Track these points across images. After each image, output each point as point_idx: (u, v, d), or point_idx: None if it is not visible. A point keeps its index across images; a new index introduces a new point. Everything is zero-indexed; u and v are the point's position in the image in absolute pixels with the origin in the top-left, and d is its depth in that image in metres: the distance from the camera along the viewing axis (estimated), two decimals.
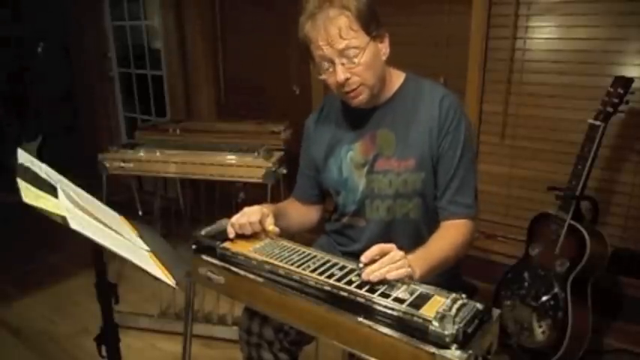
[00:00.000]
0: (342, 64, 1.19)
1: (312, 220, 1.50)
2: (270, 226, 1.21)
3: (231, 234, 1.20)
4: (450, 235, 1.24)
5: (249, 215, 1.20)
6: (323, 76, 1.24)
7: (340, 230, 1.44)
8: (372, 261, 0.99)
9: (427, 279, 1.06)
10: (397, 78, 1.33)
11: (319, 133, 1.41)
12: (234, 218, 1.21)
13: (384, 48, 1.25)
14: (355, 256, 1.38)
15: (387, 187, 1.29)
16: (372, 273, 0.96)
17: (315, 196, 1.49)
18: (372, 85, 1.24)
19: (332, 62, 1.19)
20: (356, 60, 1.18)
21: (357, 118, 1.34)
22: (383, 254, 1.00)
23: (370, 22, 1.19)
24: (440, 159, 1.27)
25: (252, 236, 1.21)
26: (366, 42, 1.19)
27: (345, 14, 1.16)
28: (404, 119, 1.29)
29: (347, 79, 1.20)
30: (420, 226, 1.32)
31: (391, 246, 1.02)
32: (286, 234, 1.28)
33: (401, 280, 0.98)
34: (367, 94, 1.24)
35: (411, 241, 1.27)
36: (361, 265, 1.00)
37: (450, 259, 1.19)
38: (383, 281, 0.97)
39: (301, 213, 1.48)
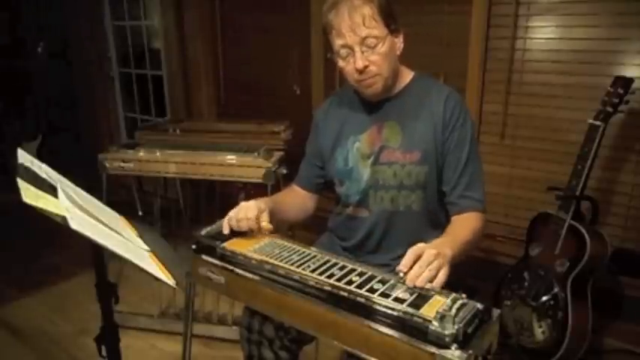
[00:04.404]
0: (362, 52, 1.23)
1: (307, 209, 1.52)
2: (264, 222, 1.23)
3: (227, 229, 1.21)
4: (466, 221, 1.27)
5: (246, 211, 1.22)
6: (341, 64, 1.28)
7: (343, 223, 1.46)
8: (411, 267, 0.98)
9: (456, 262, 1.08)
10: (407, 74, 1.39)
11: (328, 123, 1.45)
12: (232, 213, 1.22)
13: (399, 43, 1.31)
14: (356, 249, 1.40)
15: (391, 179, 1.32)
16: (416, 279, 0.96)
17: (317, 184, 1.51)
18: (387, 76, 1.29)
19: (352, 50, 1.24)
20: (375, 49, 1.23)
21: (366, 110, 1.39)
22: (417, 257, 0.99)
23: (389, 16, 1.25)
24: (447, 155, 1.31)
25: (252, 236, 1.21)
26: (385, 33, 1.24)
27: (369, 5, 1.22)
28: (411, 113, 1.33)
29: (365, 67, 1.24)
30: (421, 219, 1.34)
31: (422, 246, 1.01)
32: (284, 229, 1.28)
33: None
34: (381, 84, 1.29)
35: (411, 234, 1.30)
36: (401, 275, 0.98)
37: (471, 243, 1.22)
38: (434, 290, 0.96)
39: (298, 202, 1.50)
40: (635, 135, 1.99)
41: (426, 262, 0.97)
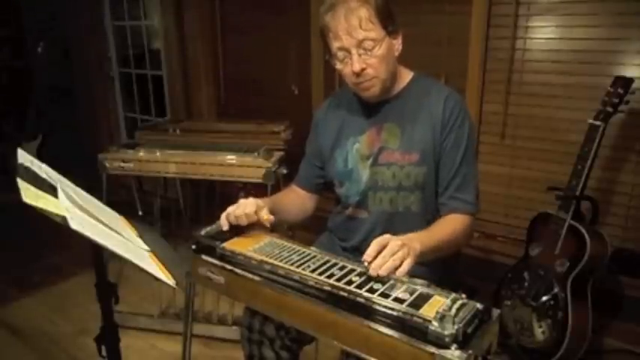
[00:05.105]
0: (359, 55, 1.23)
1: (307, 210, 1.52)
2: (265, 215, 1.22)
3: (225, 226, 1.21)
4: (450, 222, 1.27)
5: (244, 207, 1.22)
6: (339, 66, 1.28)
7: (343, 223, 1.45)
8: (375, 257, 1.00)
9: (429, 258, 1.10)
10: (406, 75, 1.38)
11: (327, 124, 1.45)
12: (230, 209, 1.22)
13: (398, 44, 1.30)
14: (356, 249, 1.40)
15: (390, 180, 1.32)
16: (379, 268, 0.98)
17: (316, 185, 1.51)
18: (385, 78, 1.28)
19: (349, 52, 1.24)
20: (372, 52, 1.23)
21: (365, 111, 1.38)
22: (382, 247, 1.01)
23: (387, 18, 1.24)
24: (442, 156, 1.30)
25: (252, 236, 1.21)
26: (382, 36, 1.23)
27: (366, 7, 1.21)
28: (410, 114, 1.33)
29: (362, 70, 1.24)
30: (421, 220, 1.34)
31: (387, 237, 1.04)
32: (284, 229, 1.28)
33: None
34: (379, 87, 1.29)
35: None
36: (366, 264, 1.00)
37: (450, 243, 1.22)
38: (395, 278, 0.98)
39: (298, 203, 1.50)
40: (635, 135, 1.99)
41: (390, 252, 1.00)
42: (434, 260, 1.22)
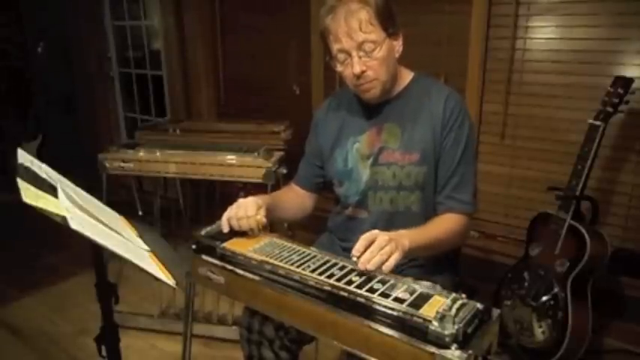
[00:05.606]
0: (359, 57, 1.23)
1: (306, 209, 1.52)
2: (258, 215, 1.21)
3: (226, 228, 1.21)
4: (444, 221, 1.28)
5: (245, 209, 1.21)
6: (339, 68, 1.28)
7: (342, 223, 1.46)
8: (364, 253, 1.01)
9: (421, 255, 1.12)
10: (407, 75, 1.38)
11: (327, 123, 1.45)
12: (232, 212, 1.21)
13: (398, 46, 1.30)
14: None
15: (390, 179, 1.32)
16: (367, 262, 0.99)
17: (316, 184, 1.51)
18: (385, 80, 1.28)
19: (349, 55, 1.24)
20: (372, 54, 1.23)
21: (365, 111, 1.39)
22: (370, 243, 1.02)
23: (387, 19, 1.23)
24: (441, 155, 1.31)
25: (252, 236, 1.21)
26: (382, 38, 1.23)
27: (366, 9, 1.21)
28: (410, 115, 1.33)
29: (363, 72, 1.24)
30: (421, 220, 1.34)
31: (376, 232, 1.04)
32: (284, 229, 1.28)
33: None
34: (379, 89, 1.29)
35: None
36: (355, 259, 1.01)
37: (443, 242, 1.23)
38: (384, 273, 0.99)
39: (297, 202, 1.50)
40: (635, 135, 1.99)
41: (377, 247, 1.00)
42: (433, 260, 1.22)
